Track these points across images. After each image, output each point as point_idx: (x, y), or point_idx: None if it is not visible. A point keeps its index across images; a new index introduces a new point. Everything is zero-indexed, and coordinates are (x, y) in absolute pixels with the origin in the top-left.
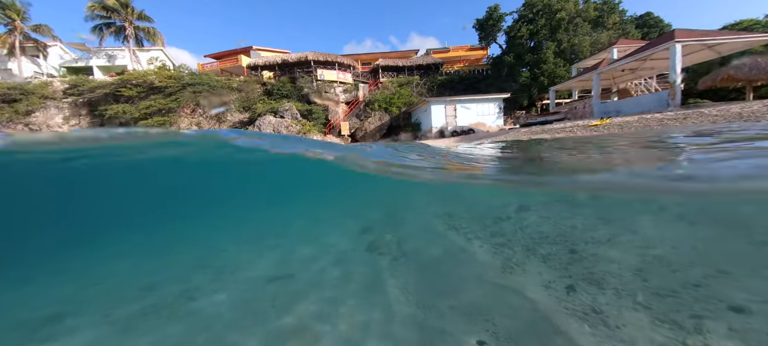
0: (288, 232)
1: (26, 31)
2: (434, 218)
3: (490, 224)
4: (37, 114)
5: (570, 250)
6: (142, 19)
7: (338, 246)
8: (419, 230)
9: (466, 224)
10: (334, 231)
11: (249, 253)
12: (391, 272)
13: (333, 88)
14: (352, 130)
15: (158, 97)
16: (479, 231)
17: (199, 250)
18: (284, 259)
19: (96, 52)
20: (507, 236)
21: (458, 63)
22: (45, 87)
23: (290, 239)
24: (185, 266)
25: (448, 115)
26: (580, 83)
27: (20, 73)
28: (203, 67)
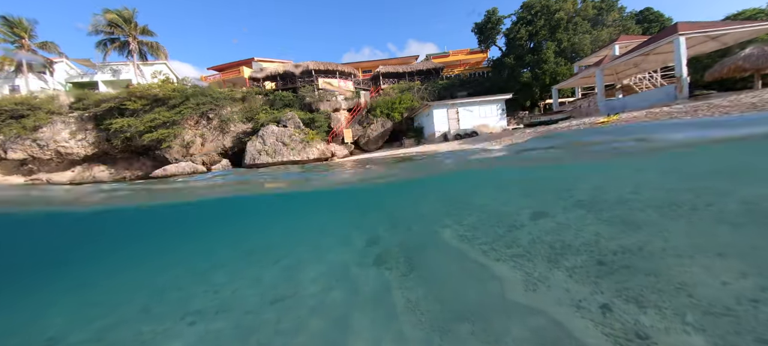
0: (292, 245)
1: (33, 48)
2: (443, 229)
3: (503, 233)
4: (45, 129)
5: (598, 261)
6: (145, 34)
7: (343, 260)
8: (428, 241)
9: (478, 233)
10: (339, 244)
11: (252, 269)
12: (401, 289)
13: (334, 95)
14: (355, 137)
15: (162, 109)
16: (493, 242)
17: (199, 264)
18: (287, 275)
19: (101, 67)
20: (524, 247)
21: (458, 67)
22: (51, 102)
23: (295, 253)
24: (185, 280)
25: (451, 119)
26: (582, 81)
27: (27, 89)
28: (206, 79)
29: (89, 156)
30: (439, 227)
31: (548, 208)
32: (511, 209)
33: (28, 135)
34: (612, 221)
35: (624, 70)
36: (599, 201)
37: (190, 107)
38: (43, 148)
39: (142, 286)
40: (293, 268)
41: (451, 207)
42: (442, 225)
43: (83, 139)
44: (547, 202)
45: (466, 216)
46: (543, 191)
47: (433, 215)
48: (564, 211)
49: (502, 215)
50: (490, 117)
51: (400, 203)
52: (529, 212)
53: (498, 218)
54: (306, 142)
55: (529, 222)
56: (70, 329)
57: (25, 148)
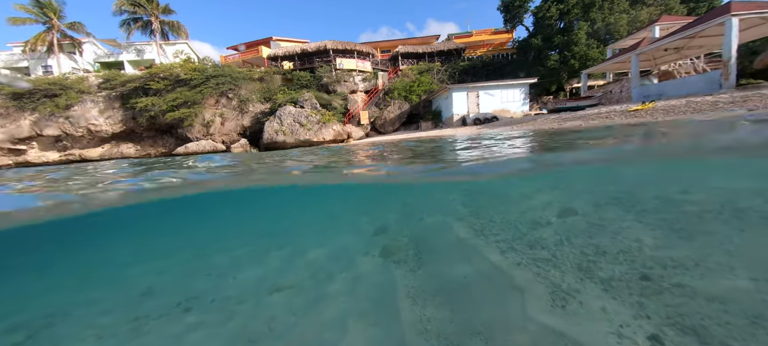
0: (298, 229)
1: (63, 28)
2: (457, 221)
3: (526, 231)
4: (76, 108)
5: (641, 275)
6: (167, 13)
7: (349, 248)
8: (441, 234)
9: (496, 229)
10: (347, 230)
11: (254, 254)
12: (407, 288)
13: (352, 76)
14: (372, 119)
15: (184, 89)
16: (514, 240)
17: (202, 247)
18: (289, 265)
19: (126, 47)
20: (550, 249)
21: (482, 48)
22: (81, 82)
23: (300, 238)
24: (187, 264)
25: (471, 102)
26: (616, 66)
27: (59, 69)
28: (226, 59)
29: (117, 134)
30: (454, 218)
31: (578, 204)
32: (536, 203)
33: (61, 113)
34: (657, 226)
35: (663, 56)
36: (640, 200)
37: (210, 87)
38: (75, 125)
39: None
40: (295, 254)
41: (467, 197)
42: (457, 216)
43: (111, 117)
44: (577, 196)
45: (484, 208)
46: (572, 184)
47: (448, 204)
48: (596, 209)
49: (524, 209)
50: (512, 102)
51: (413, 190)
52: (556, 207)
53: (520, 212)
54: (322, 123)
55: (556, 219)
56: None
57: (59, 125)
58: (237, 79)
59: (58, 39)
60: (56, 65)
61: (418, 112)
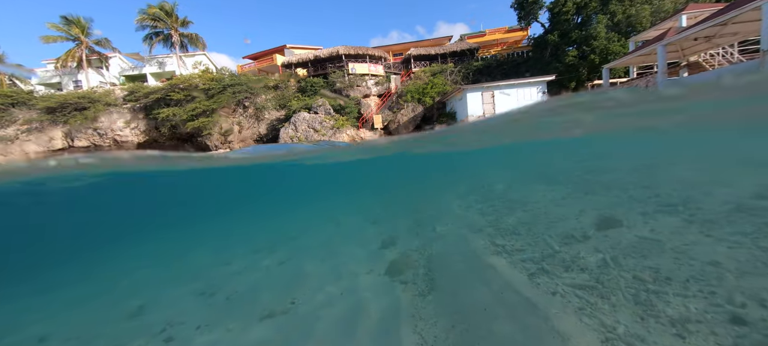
0: (304, 236)
1: (90, 45)
2: (475, 234)
3: (558, 248)
4: (103, 119)
5: (731, 316)
6: (185, 26)
7: (353, 262)
8: (455, 249)
9: (521, 243)
10: (352, 241)
11: (246, 269)
12: (414, 318)
13: (365, 81)
14: (385, 122)
15: (202, 99)
16: (544, 259)
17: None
18: (286, 282)
19: (148, 60)
20: (592, 272)
21: (495, 47)
22: (108, 95)
23: (302, 248)
24: (176, 278)
25: (486, 103)
26: (639, 59)
27: (87, 83)
28: (242, 68)
29: (141, 143)
30: (470, 230)
31: (620, 212)
32: (567, 212)
33: (90, 125)
34: (736, 243)
35: (692, 46)
36: (703, 205)
37: (227, 96)
38: (103, 136)
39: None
40: (295, 272)
41: (485, 204)
42: (474, 227)
43: (136, 127)
44: (618, 203)
45: (505, 217)
46: (608, 186)
47: (464, 213)
48: (645, 217)
49: (554, 219)
50: (529, 101)
51: (425, 195)
52: (592, 216)
53: (548, 223)
54: (336, 128)
55: (595, 232)
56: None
57: (88, 137)
58: (253, 88)
59: (86, 55)
60: (85, 80)
61: (431, 114)
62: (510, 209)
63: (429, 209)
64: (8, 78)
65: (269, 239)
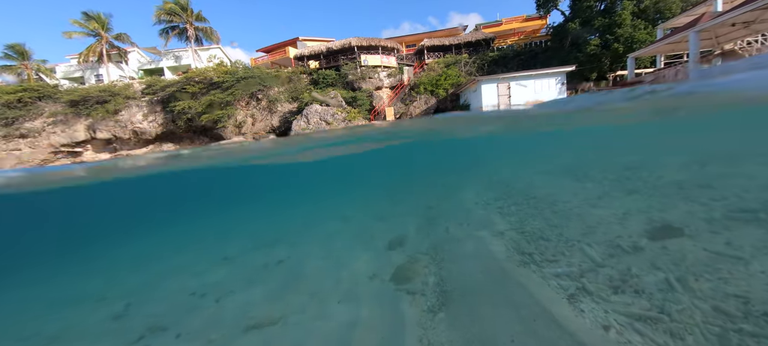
0: (305, 236)
1: (110, 39)
2: (494, 237)
3: (602, 260)
4: (123, 113)
5: None
6: (200, 20)
7: (355, 265)
8: (471, 255)
9: (553, 252)
10: (356, 240)
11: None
12: (421, 343)
13: (377, 73)
14: (398, 115)
15: (217, 92)
16: (584, 275)
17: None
18: (279, 286)
19: (165, 54)
20: (653, 298)
21: (512, 36)
22: (127, 88)
23: (302, 250)
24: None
25: (501, 95)
26: (668, 47)
27: (108, 77)
28: (255, 61)
29: (159, 135)
30: (490, 233)
31: (676, 216)
32: (606, 214)
33: (111, 118)
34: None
35: (727, 33)
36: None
37: (240, 89)
38: (123, 128)
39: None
40: (292, 273)
41: (506, 201)
42: (495, 230)
43: (154, 120)
44: (670, 204)
45: (531, 218)
46: (654, 182)
47: (482, 212)
48: (712, 226)
49: (591, 223)
50: (546, 92)
51: (437, 190)
52: (642, 221)
53: (585, 228)
54: (348, 120)
55: (649, 243)
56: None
57: (109, 129)
58: (265, 80)
59: (106, 49)
60: (106, 74)
61: (445, 106)
62: (535, 209)
63: (442, 205)
64: (35, 72)
65: (273, 235)
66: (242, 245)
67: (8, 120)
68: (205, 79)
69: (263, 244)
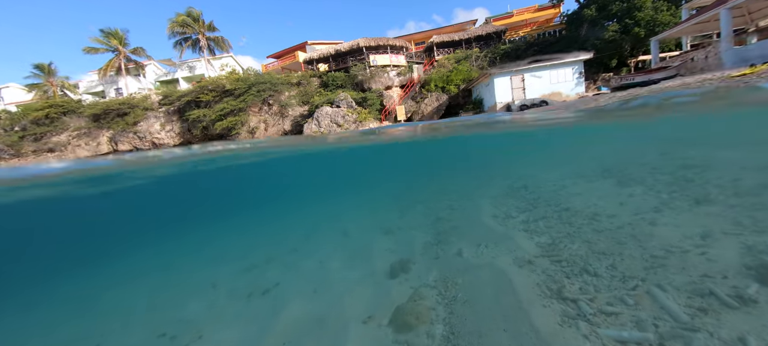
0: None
1: (127, 54)
2: (519, 269)
3: (691, 321)
4: (142, 124)
5: None
6: (212, 30)
7: (347, 300)
8: (489, 291)
9: (606, 296)
10: (352, 264)
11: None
12: None
13: (386, 72)
14: (409, 114)
15: (230, 99)
16: (668, 340)
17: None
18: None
19: (179, 65)
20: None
21: (524, 28)
22: (145, 100)
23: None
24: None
25: (515, 88)
26: (696, 27)
27: (127, 90)
28: (266, 67)
29: (176, 144)
30: (512, 259)
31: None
32: (675, 235)
33: (130, 129)
34: None
35: (763, 8)
36: None
37: (252, 95)
38: (142, 139)
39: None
40: (272, 311)
41: (531, 212)
42: (520, 257)
43: (170, 130)
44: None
45: (566, 239)
46: (735, 188)
47: (500, 227)
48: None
49: (655, 250)
50: (563, 83)
51: (449, 196)
52: (736, 247)
53: (648, 258)
54: (359, 121)
55: (764, 290)
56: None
57: (130, 140)
58: (276, 85)
59: (124, 63)
60: (125, 87)
61: (457, 102)
62: (570, 225)
63: (454, 216)
64: (59, 89)
65: (269, 250)
66: (234, 266)
67: (37, 136)
68: (218, 87)
69: (256, 263)
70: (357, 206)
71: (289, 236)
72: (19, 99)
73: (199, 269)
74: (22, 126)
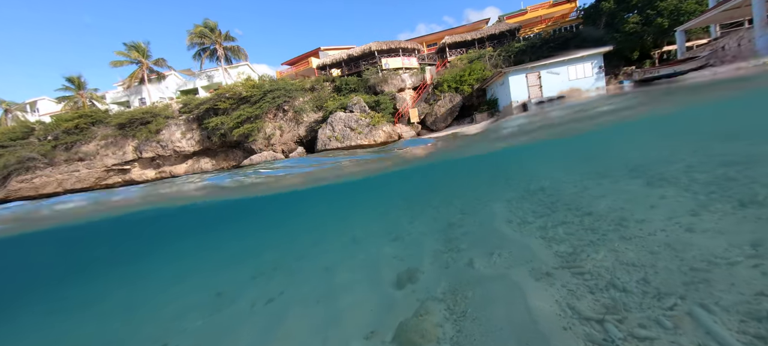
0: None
1: (150, 65)
2: (537, 282)
3: None
4: (164, 132)
5: None
6: (228, 40)
7: (350, 314)
8: (503, 310)
9: (636, 314)
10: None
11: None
12: None
13: (398, 75)
14: (422, 116)
15: (246, 106)
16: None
17: None
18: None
19: (198, 74)
20: None
21: (539, 24)
22: (166, 109)
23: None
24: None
25: (531, 85)
26: (725, 14)
27: (150, 100)
28: (281, 74)
29: (197, 152)
30: (529, 271)
31: None
32: (722, 245)
33: (153, 138)
34: None
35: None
36: None
37: (268, 102)
38: (165, 147)
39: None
40: (274, 320)
41: (550, 216)
42: (536, 268)
43: (191, 137)
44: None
45: (590, 249)
46: None
47: (516, 234)
48: None
49: (696, 260)
50: (582, 79)
51: (461, 200)
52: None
53: (688, 270)
54: (372, 125)
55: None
56: None
57: (153, 149)
58: (290, 92)
59: (147, 74)
60: (148, 96)
61: (471, 103)
62: (594, 232)
63: (466, 222)
64: (88, 100)
65: (277, 257)
66: (243, 273)
67: (68, 144)
68: (234, 95)
69: (263, 271)
70: (368, 211)
71: (297, 242)
72: (51, 110)
73: (209, 278)
74: (55, 135)
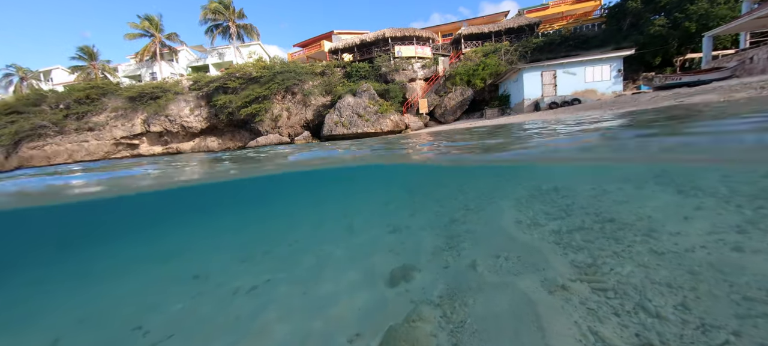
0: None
1: (162, 39)
2: (550, 296)
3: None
4: (172, 107)
5: None
6: (241, 17)
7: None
8: (509, 336)
9: (663, 333)
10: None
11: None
12: None
13: (411, 64)
14: (431, 107)
15: (255, 86)
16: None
17: None
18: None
19: (210, 51)
20: None
21: (560, 20)
22: (176, 85)
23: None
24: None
25: (546, 84)
26: (759, 22)
27: (161, 75)
28: (292, 56)
29: (204, 129)
30: (541, 282)
31: None
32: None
33: (162, 112)
34: None
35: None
36: None
37: (277, 83)
38: (173, 122)
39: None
40: (256, 310)
41: (564, 220)
42: (549, 279)
43: (199, 114)
44: None
45: (614, 261)
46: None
47: (525, 237)
48: None
49: (746, 285)
50: (599, 81)
51: (466, 195)
52: None
53: (737, 296)
54: (380, 113)
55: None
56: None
57: (161, 123)
58: (300, 75)
59: (159, 48)
60: (159, 71)
61: (482, 98)
62: (618, 242)
63: (470, 219)
64: (101, 71)
65: (268, 242)
66: (228, 256)
67: (79, 114)
68: (244, 74)
69: (252, 255)
70: (368, 199)
71: (295, 228)
72: (65, 80)
73: (190, 261)
74: (67, 105)
